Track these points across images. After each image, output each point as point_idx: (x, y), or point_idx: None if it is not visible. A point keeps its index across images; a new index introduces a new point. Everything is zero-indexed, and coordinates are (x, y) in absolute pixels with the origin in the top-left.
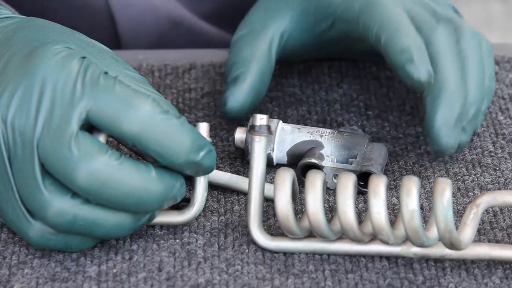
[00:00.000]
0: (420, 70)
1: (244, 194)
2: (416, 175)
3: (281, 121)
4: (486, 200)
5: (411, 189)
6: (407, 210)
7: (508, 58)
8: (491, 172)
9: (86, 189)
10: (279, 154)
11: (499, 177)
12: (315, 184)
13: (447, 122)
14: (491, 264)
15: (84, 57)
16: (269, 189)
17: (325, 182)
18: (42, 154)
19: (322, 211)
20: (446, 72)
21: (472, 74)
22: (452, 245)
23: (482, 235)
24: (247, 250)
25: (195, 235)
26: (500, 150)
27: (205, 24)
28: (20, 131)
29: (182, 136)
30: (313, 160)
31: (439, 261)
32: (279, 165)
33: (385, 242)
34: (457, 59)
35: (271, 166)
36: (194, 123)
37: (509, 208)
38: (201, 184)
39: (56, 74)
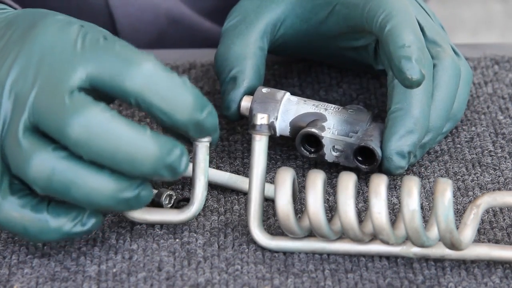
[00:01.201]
0: (414, 69)
1: (244, 194)
2: (416, 175)
3: (288, 93)
4: (486, 200)
5: (412, 189)
6: (408, 210)
7: (508, 58)
8: (491, 172)
9: (77, 140)
10: (282, 124)
11: (499, 176)
12: (315, 183)
13: (399, 152)
14: (491, 263)
15: (82, 26)
16: (268, 189)
17: (325, 182)
18: (35, 110)
19: (323, 211)
20: (415, 97)
21: (438, 103)
22: (452, 246)
23: (482, 234)
24: (247, 250)
25: (195, 235)
26: (500, 150)
27: (205, 21)
28: (17, 94)
29: (185, 93)
30: (313, 130)
31: (439, 260)
32: (282, 137)
33: (386, 242)
34: (428, 85)
35: (273, 137)
36: None
37: (508, 208)
38: (200, 183)
39: (56, 39)
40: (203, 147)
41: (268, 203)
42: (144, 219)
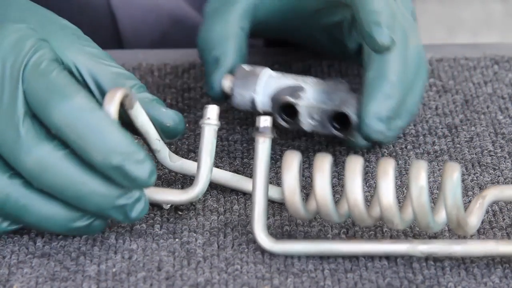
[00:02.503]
0: (384, 34)
1: (243, 194)
2: None
3: (269, 68)
4: (493, 193)
5: (420, 169)
6: (416, 186)
7: (508, 58)
8: (490, 172)
9: (30, 173)
10: (264, 99)
11: (499, 176)
12: (323, 165)
13: (377, 116)
14: (491, 263)
15: (41, 39)
16: (269, 189)
17: (332, 165)
18: None
19: (330, 191)
20: (391, 63)
21: (406, 80)
22: (458, 225)
23: (482, 234)
24: (246, 250)
25: (195, 235)
26: (500, 150)
27: None
28: None
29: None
30: (289, 98)
31: (438, 260)
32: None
33: (390, 223)
34: (403, 48)
35: (255, 112)
36: (193, 122)
37: (508, 208)
38: (206, 164)
39: (8, 53)
40: (210, 130)
41: (267, 203)
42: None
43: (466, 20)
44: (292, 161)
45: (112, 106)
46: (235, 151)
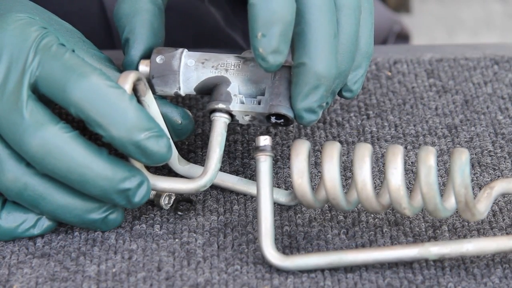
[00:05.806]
0: (267, 58)
1: (243, 194)
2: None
3: (184, 52)
4: (501, 184)
5: (429, 151)
6: (425, 166)
7: (507, 58)
8: (490, 172)
9: (33, 156)
10: (187, 90)
11: (499, 176)
12: (331, 153)
13: (308, 109)
14: (490, 263)
15: (44, 28)
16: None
17: (341, 153)
18: None
19: (338, 176)
20: (317, 50)
21: (343, 46)
22: (467, 205)
23: (482, 235)
24: (246, 250)
25: (195, 235)
26: (500, 150)
27: (201, 5)
28: None
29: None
30: (221, 105)
31: (438, 260)
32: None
33: (399, 206)
34: (330, 28)
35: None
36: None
37: (508, 208)
38: (215, 154)
39: (14, 40)
40: (221, 122)
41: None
42: (152, 184)
43: (466, 20)
44: (301, 146)
45: (126, 85)
46: (235, 151)
